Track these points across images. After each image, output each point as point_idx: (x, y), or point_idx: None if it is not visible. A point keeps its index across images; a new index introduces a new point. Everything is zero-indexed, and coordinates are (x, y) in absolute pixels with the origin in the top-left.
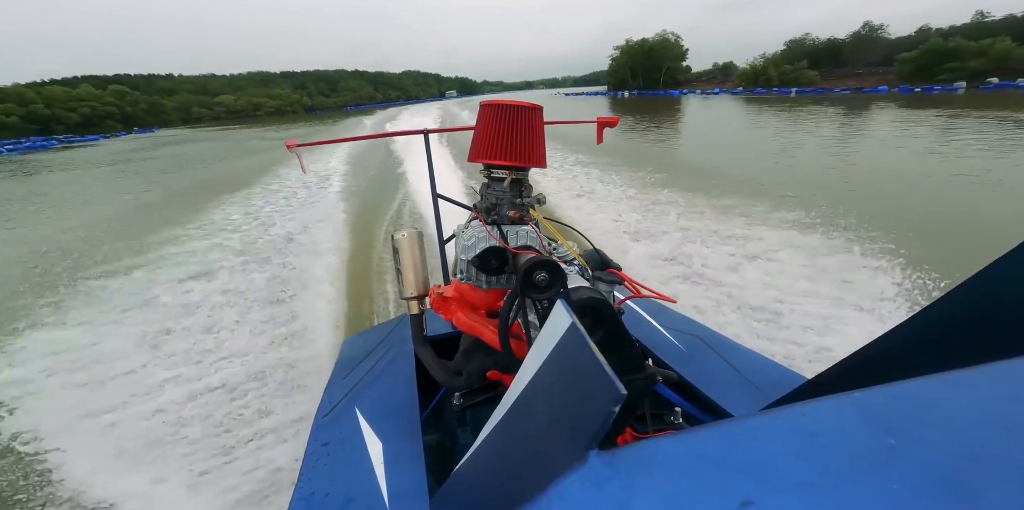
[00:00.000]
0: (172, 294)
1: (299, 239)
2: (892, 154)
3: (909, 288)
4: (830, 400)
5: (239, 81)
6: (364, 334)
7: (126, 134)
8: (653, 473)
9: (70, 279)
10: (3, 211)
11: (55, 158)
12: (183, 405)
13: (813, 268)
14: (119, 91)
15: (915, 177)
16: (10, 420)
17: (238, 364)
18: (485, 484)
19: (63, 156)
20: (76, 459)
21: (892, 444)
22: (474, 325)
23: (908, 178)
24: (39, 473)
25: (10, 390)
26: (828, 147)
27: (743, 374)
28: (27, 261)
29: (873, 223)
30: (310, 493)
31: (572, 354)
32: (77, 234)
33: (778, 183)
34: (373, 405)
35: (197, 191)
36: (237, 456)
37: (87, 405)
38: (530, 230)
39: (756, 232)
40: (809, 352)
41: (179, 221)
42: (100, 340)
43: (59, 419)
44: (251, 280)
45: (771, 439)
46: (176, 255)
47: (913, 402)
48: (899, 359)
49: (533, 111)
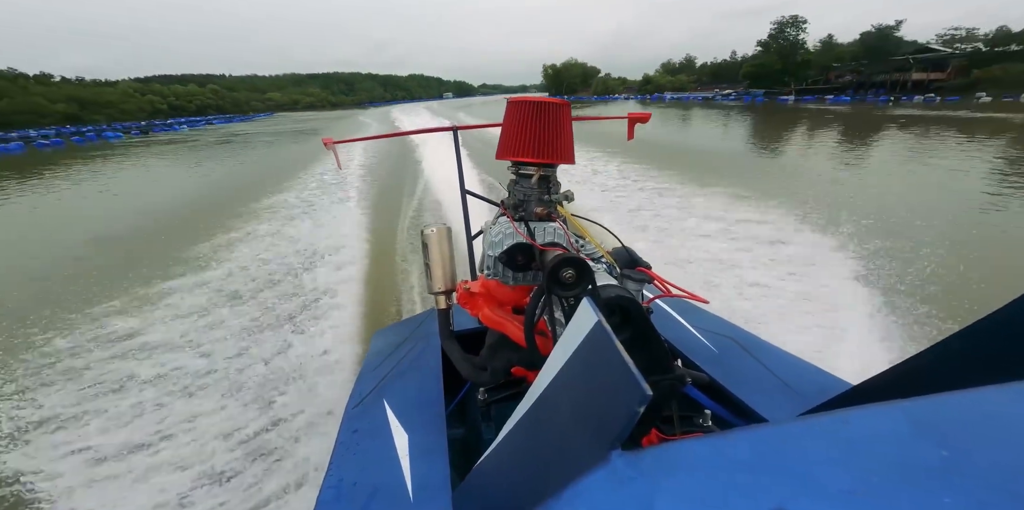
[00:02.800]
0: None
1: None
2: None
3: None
4: (877, 407)
5: (280, 81)
6: (394, 327)
7: (256, 116)
8: (678, 475)
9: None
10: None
11: (235, 128)
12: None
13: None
14: (214, 89)
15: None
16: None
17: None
18: (506, 479)
19: (239, 127)
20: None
21: (946, 456)
22: (500, 321)
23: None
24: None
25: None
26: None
27: (780, 378)
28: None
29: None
30: (339, 481)
31: (598, 352)
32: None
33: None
34: (400, 398)
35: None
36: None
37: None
38: (557, 227)
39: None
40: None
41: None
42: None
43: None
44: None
45: (809, 445)
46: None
47: (972, 413)
48: (955, 368)
49: (560, 108)
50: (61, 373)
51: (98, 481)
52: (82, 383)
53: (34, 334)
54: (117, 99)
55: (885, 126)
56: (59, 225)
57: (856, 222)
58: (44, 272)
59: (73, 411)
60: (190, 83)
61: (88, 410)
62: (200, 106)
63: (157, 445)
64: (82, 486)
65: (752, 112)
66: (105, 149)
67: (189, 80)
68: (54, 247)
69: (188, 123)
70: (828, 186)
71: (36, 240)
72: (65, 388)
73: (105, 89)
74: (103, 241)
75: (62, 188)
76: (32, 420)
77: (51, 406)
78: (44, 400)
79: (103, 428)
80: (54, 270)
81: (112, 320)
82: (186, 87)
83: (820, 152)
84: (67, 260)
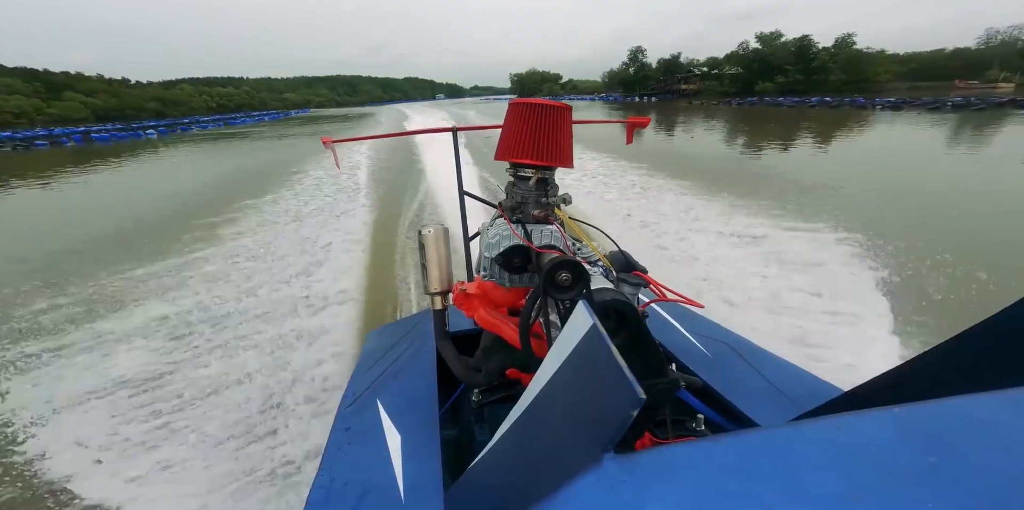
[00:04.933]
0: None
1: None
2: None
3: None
4: (868, 413)
5: (292, 83)
6: (389, 327)
7: (292, 113)
8: (669, 479)
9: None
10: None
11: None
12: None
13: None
14: (247, 91)
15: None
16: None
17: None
18: (499, 481)
19: (297, 120)
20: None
21: (934, 462)
22: (495, 323)
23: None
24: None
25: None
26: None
27: (773, 384)
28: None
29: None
30: (330, 480)
31: (592, 355)
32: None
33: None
34: (394, 398)
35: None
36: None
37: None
38: (555, 229)
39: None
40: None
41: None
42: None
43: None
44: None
45: (800, 450)
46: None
47: (962, 419)
48: (946, 375)
49: (561, 110)
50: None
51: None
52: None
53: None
54: (186, 98)
55: (664, 107)
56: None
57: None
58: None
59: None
60: (215, 85)
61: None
62: (238, 105)
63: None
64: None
65: (608, 105)
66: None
67: (214, 82)
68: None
69: (258, 117)
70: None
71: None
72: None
73: (173, 91)
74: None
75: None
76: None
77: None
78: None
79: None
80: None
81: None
82: (225, 89)
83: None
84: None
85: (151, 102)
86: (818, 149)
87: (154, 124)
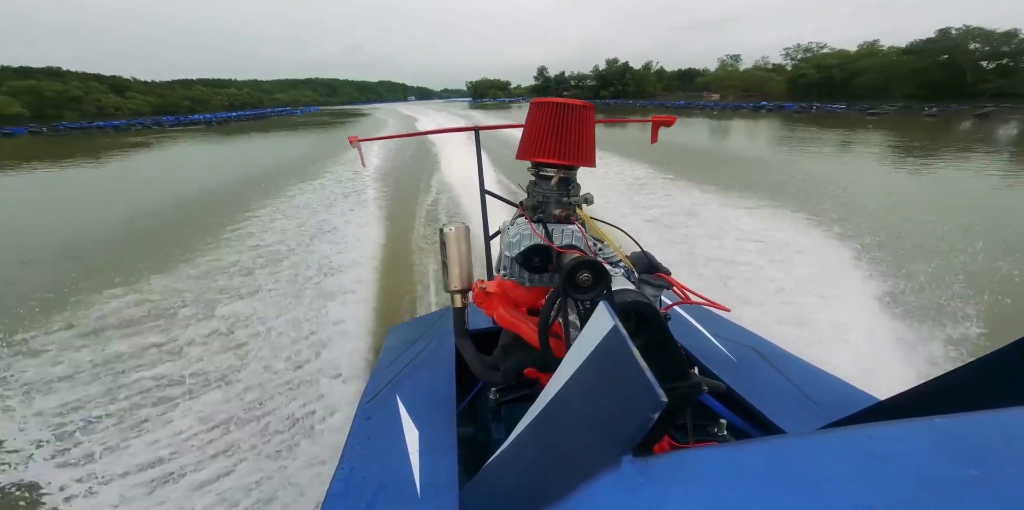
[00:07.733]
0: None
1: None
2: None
3: None
4: (903, 424)
5: (279, 85)
6: (409, 323)
7: (311, 109)
8: (689, 484)
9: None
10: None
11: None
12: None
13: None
14: (248, 91)
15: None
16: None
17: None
18: (515, 480)
19: (325, 113)
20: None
21: (974, 475)
22: (514, 322)
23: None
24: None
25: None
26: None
27: (802, 390)
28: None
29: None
30: (350, 473)
31: (612, 357)
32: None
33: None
34: (413, 394)
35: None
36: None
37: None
38: (576, 229)
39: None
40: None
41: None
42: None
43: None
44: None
45: (828, 459)
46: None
47: (1007, 432)
48: (987, 388)
49: (584, 109)
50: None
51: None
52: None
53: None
54: (205, 98)
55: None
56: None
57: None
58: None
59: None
60: (209, 85)
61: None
62: (240, 104)
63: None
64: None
65: (516, 105)
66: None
67: (207, 83)
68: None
69: (274, 113)
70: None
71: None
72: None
73: (194, 91)
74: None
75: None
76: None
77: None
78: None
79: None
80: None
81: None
82: (229, 90)
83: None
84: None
85: (184, 101)
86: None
87: (279, 110)
